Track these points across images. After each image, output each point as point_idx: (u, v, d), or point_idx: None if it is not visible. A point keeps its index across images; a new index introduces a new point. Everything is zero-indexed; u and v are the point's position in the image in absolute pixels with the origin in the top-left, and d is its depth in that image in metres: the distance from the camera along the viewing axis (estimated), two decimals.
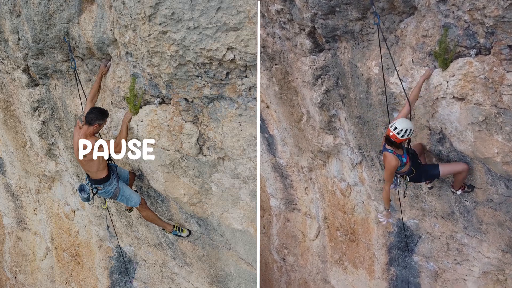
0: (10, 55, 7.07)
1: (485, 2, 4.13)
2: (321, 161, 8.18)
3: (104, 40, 5.95)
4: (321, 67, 6.43)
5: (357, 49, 5.97)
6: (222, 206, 6.17)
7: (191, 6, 4.68)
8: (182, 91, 5.45)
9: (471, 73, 4.77)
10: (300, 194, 9.31)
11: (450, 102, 5.14)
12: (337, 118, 7.11)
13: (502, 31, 4.18)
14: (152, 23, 4.99)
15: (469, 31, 4.52)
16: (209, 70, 5.09)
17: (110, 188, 6.31)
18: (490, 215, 6.03)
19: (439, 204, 6.67)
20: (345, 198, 8.28)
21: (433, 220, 7.02)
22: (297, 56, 6.53)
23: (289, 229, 10.05)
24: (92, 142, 5.77)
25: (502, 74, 4.47)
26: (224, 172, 5.88)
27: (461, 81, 4.87)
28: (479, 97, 4.80)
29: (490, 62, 4.56)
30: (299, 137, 8.06)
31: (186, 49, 4.97)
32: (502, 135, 4.86)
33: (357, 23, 5.61)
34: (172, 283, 8.78)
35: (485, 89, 4.72)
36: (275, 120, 8.34)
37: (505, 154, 4.97)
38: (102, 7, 5.73)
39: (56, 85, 7.29)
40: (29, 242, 11.26)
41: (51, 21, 6.12)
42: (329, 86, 6.64)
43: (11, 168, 9.98)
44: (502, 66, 4.43)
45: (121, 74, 6.09)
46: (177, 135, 5.83)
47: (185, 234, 7.12)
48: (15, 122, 8.64)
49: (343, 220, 8.63)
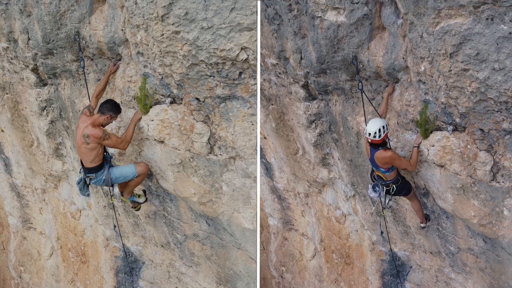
0: (19, 54, 7.09)
1: (457, 94, 4.45)
2: (317, 189, 8.38)
3: (115, 40, 5.98)
4: (314, 113, 6.69)
5: (348, 103, 6.21)
6: (232, 206, 6.19)
7: (204, 6, 4.71)
8: (194, 90, 5.47)
9: (449, 146, 5.09)
10: (297, 216, 9.51)
11: (431, 166, 5.43)
12: (331, 156, 7.32)
13: (473, 117, 4.55)
14: (165, 23, 5.02)
15: (446, 111, 4.81)
16: (222, 69, 5.11)
17: (102, 176, 6.22)
18: (472, 260, 6.30)
19: (427, 243, 6.92)
20: (340, 225, 8.51)
21: (423, 254, 7.28)
22: (292, 101, 6.76)
23: (287, 248, 10.30)
24: (99, 131, 5.77)
25: (475, 152, 4.84)
26: (235, 172, 5.90)
27: (440, 152, 5.17)
28: (456, 167, 5.13)
29: (465, 139, 4.90)
30: (295, 167, 8.24)
31: (199, 49, 4.99)
32: (478, 201, 5.19)
33: (347, 83, 5.89)
34: (179, 282, 8.79)
35: (462, 161, 5.05)
36: (272, 150, 8.55)
37: (481, 217, 5.31)
38: (113, 7, 5.76)
39: (65, 85, 7.31)
40: (34, 242, 11.27)
41: (61, 21, 6.14)
42: (323, 130, 6.89)
43: (17, 167, 9.99)
44: (476, 144, 4.80)
45: (132, 74, 6.12)
46: (188, 135, 5.86)
47: (141, 200, 6.90)
48: (23, 121, 8.66)
49: (338, 244, 8.85)
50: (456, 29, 4.02)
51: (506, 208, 5.03)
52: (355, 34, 5.05)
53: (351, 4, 4.77)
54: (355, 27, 4.99)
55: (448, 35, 4.11)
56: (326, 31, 5.15)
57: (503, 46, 3.83)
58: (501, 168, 4.82)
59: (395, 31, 4.86)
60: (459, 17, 3.96)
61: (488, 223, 5.34)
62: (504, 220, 5.16)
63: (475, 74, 4.15)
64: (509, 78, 3.97)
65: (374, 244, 8.13)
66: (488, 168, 4.85)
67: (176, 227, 7.59)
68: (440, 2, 3.98)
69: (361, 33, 5.02)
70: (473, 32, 3.94)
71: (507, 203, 4.99)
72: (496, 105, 4.29)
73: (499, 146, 4.69)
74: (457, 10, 3.94)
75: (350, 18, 4.89)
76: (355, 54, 5.28)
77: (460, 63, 4.18)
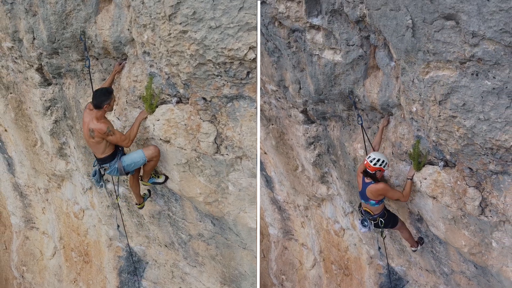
0: (24, 54, 7.08)
1: (446, 136, 4.68)
2: (316, 203, 8.54)
3: (121, 39, 5.97)
4: (313, 136, 6.88)
5: (345, 130, 6.41)
6: (239, 206, 6.18)
7: (213, 6, 4.70)
8: (201, 90, 5.46)
9: (440, 180, 5.29)
10: (297, 227, 9.67)
11: (424, 196, 5.64)
12: (329, 174, 7.50)
13: (462, 157, 4.78)
14: (173, 23, 5.01)
15: (437, 148, 5.00)
16: (229, 69, 5.10)
17: (115, 165, 6.21)
18: (465, 282, 6.53)
19: (422, 262, 7.12)
20: (339, 238, 8.71)
21: (419, 271, 7.46)
22: (292, 123, 6.95)
23: (287, 257, 10.46)
24: (104, 127, 5.77)
25: (465, 188, 5.06)
26: (242, 172, 5.89)
27: (432, 185, 5.38)
28: (447, 200, 5.34)
29: (455, 176, 5.12)
30: (295, 182, 8.39)
31: (206, 48, 4.98)
32: (468, 231, 5.42)
33: (344, 112, 6.09)
34: (183, 282, 8.79)
35: (452, 194, 5.26)
36: (272, 165, 8.71)
37: (471, 247, 5.53)
38: (119, 7, 5.75)
39: (69, 84, 7.30)
40: (37, 242, 11.26)
41: (67, 21, 6.13)
42: (321, 151, 7.07)
43: (20, 167, 9.98)
44: (465, 181, 5.03)
45: (137, 74, 6.11)
46: (194, 134, 5.85)
47: (161, 180, 6.83)
48: (26, 121, 8.65)
49: (337, 256, 9.05)
50: (444, 80, 4.22)
51: (494, 240, 5.22)
52: (351, 72, 5.28)
53: (346, 46, 5.00)
54: (350, 66, 5.22)
55: (437, 85, 4.30)
56: (323, 68, 5.37)
57: (487, 99, 4.05)
58: (488, 204, 5.01)
59: (388, 72, 5.03)
60: (447, 70, 4.16)
61: (478, 253, 5.54)
62: (492, 251, 5.36)
63: (463, 122, 4.37)
64: (494, 128, 4.20)
65: (372, 258, 8.32)
66: (477, 203, 5.04)
67: (180, 227, 7.59)
68: (429, 55, 4.18)
69: (357, 71, 5.25)
70: (459, 85, 4.15)
71: (495, 236, 5.18)
72: (482, 150, 4.49)
73: (487, 184, 4.88)
74: (445, 64, 4.15)
75: (346, 58, 5.12)
76: (351, 89, 5.49)
77: (448, 110, 4.39)
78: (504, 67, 3.82)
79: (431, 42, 4.08)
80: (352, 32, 4.91)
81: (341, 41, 5.02)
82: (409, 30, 4.16)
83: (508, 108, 4.03)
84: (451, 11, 3.79)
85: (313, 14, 5.00)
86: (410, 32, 4.18)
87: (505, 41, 3.67)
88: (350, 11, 4.71)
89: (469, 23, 3.75)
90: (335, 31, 4.99)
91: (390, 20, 4.29)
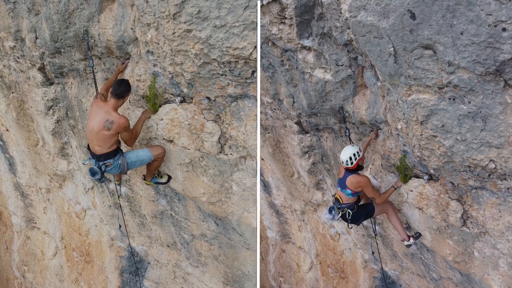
0: (26, 53, 7.05)
1: (428, 153, 4.95)
2: (312, 208, 8.70)
3: (124, 38, 5.94)
4: (308, 146, 7.08)
5: (337, 141, 6.61)
6: (242, 205, 6.16)
7: (218, 5, 4.67)
8: (205, 89, 5.43)
9: (425, 192, 5.59)
10: (294, 230, 9.84)
11: (411, 206, 5.96)
12: (324, 182, 7.69)
13: (444, 172, 5.08)
14: (177, 22, 4.98)
15: (421, 163, 5.29)
16: (234, 68, 5.08)
17: (119, 161, 6.07)
18: (453, 287, 6.79)
19: (413, 267, 7.39)
20: (335, 242, 8.93)
21: (411, 275, 7.70)
22: (287, 132, 7.16)
23: (285, 260, 10.64)
24: (126, 122, 5.68)
25: (447, 201, 5.38)
26: (246, 171, 5.87)
27: (417, 197, 5.70)
28: (432, 211, 5.64)
29: (438, 189, 5.42)
30: (291, 188, 8.57)
31: (211, 47, 4.96)
32: (452, 241, 5.75)
33: (336, 125, 6.37)
34: (185, 283, 8.76)
35: (436, 206, 5.54)
36: (269, 171, 8.89)
37: (455, 255, 5.87)
38: (123, 6, 5.72)
39: (72, 84, 7.27)
40: (38, 241, 11.23)
41: (70, 20, 6.10)
42: (316, 160, 7.28)
43: (22, 167, 9.95)
44: (448, 194, 5.36)
45: (141, 73, 6.08)
46: (198, 134, 5.82)
47: (164, 180, 6.81)
48: (28, 121, 8.62)
49: (333, 259, 9.26)
50: (425, 103, 4.50)
51: (476, 250, 5.53)
52: (341, 90, 5.54)
53: (336, 66, 5.29)
54: (340, 85, 5.47)
55: (418, 106, 4.58)
56: (315, 85, 5.64)
57: (464, 122, 4.37)
58: (470, 217, 5.30)
59: (376, 91, 5.25)
60: (427, 93, 4.44)
61: (462, 261, 5.88)
62: (475, 260, 5.68)
63: (442, 141, 4.67)
64: (470, 148, 4.51)
65: (367, 262, 8.51)
66: (459, 215, 5.33)
67: (183, 227, 7.56)
68: (410, 80, 4.45)
69: (346, 89, 5.51)
70: (438, 108, 4.44)
71: (476, 246, 5.48)
72: (461, 167, 4.78)
73: (468, 198, 5.17)
74: (425, 88, 4.43)
75: (335, 77, 5.40)
76: (342, 105, 5.76)
77: (429, 130, 4.69)
78: (478, 93, 4.11)
79: (412, 68, 4.35)
80: (341, 54, 5.19)
81: (330, 62, 5.31)
82: (392, 56, 4.44)
83: (482, 131, 4.33)
84: (429, 42, 4.08)
85: (304, 36, 5.22)
86: (393, 59, 4.45)
87: (478, 71, 3.96)
88: (338, 35, 4.98)
89: (445, 53, 4.04)
90: (325, 52, 5.26)
91: (374, 46, 4.53)
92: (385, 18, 4.20)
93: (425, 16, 3.95)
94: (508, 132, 4.21)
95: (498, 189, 4.77)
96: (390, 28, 4.20)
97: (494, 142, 4.34)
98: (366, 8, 4.31)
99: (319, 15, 4.99)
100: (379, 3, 4.17)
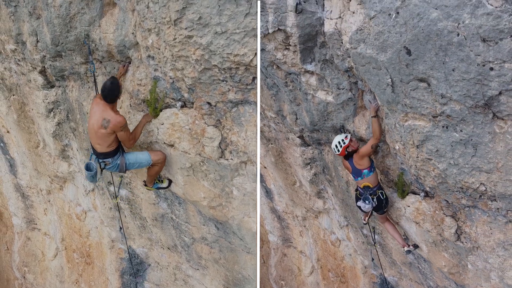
0: (27, 56, 7.06)
1: (424, 174, 5.27)
2: (313, 214, 8.91)
3: (125, 43, 5.94)
4: (309, 158, 7.33)
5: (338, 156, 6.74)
6: (243, 210, 6.17)
7: (219, 11, 4.68)
8: (206, 95, 5.44)
9: (421, 208, 5.93)
10: (295, 235, 10.05)
11: (409, 220, 6.28)
12: (325, 191, 7.95)
13: (439, 191, 5.40)
14: (178, 27, 4.99)
15: (418, 181, 5.59)
16: (235, 74, 5.08)
17: (117, 161, 6.11)
18: None
19: (411, 274, 7.69)
20: (335, 247, 9.18)
21: (409, 282, 7.99)
22: (289, 144, 7.40)
23: (286, 263, 10.78)
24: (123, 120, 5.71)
25: (442, 217, 5.72)
26: (246, 176, 5.88)
27: (414, 212, 6.04)
28: (428, 226, 5.98)
29: (433, 206, 5.76)
30: (293, 195, 8.76)
31: (212, 53, 4.96)
32: (447, 253, 6.10)
33: None
34: (185, 285, 8.78)
35: (432, 221, 5.88)
36: (271, 178, 9.08)
37: (450, 267, 6.21)
38: (124, 11, 5.72)
39: (73, 87, 7.27)
40: (39, 242, 11.25)
41: (71, 24, 6.10)
42: (317, 171, 7.53)
43: (23, 168, 9.96)
44: (442, 211, 5.69)
45: (141, 77, 6.08)
46: (198, 139, 5.83)
47: (165, 185, 6.83)
48: (29, 123, 8.63)
49: (334, 264, 9.49)
50: (420, 129, 4.82)
51: (469, 263, 5.88)
52: (342, 111, 5.86)
53: (337, 89, 5.58)
54: (341, 106, 5.78)
55: (414, 131, 4.89)
56: (317, 105, 5.94)
57: (456, 148, 4.68)
58: (463, 232, 5.64)
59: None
60: (422, 121, 4.76)
61: (456, 272, 6.22)
62: (468, 272, 6.04)
63: (437, 164, 4.98)
64: (462, 172, 4.83)
65: (366, 268, 8.73)
66: (453, 231, 5.68)
67: (184, 230, 7.57)
68: (406, 107, 4.77)
69: (347, 110, 5.82)
70: (432, 134, 4.76)
71: (470, 259, 5.83)
72: (455, 188, 5.09)
73: (461, 215, 5.50)
74: (420, 116, 4.74)
75: (337, 100, 5.71)
76: (343, 124, 6.07)
77: (424, 153, 4.99)
78: (469, 123, 4.42)
79: (408, 98, 4.64)
80: (342, 78, 5.46)
81: (332, 85, 5.58)
82: (389, 86, 4.72)
83: (473, 157, 4.63)
84: (423, 76, 4.36)
85: (307, 61, 5.47)
86: (390, 88, 4.73)
87: (469, 104, 4.26)
88: (339, 63, 5.25)
89: (438, 86, 4.33)
90: (327, 77, 5.53)
91: (373, 75, 4.80)
92: (383, 52, 4.47)
93: (420, 53, 4.21)
94: (496, 159, 4.50)
95: (489, 209, 5.08)
96: (388, 61, 4.48)
97: (484, 168, 4.63)
98: (365, 41, 4.58)
99: (322, 43, 5.27)
100: (378, 38, 4.43)
